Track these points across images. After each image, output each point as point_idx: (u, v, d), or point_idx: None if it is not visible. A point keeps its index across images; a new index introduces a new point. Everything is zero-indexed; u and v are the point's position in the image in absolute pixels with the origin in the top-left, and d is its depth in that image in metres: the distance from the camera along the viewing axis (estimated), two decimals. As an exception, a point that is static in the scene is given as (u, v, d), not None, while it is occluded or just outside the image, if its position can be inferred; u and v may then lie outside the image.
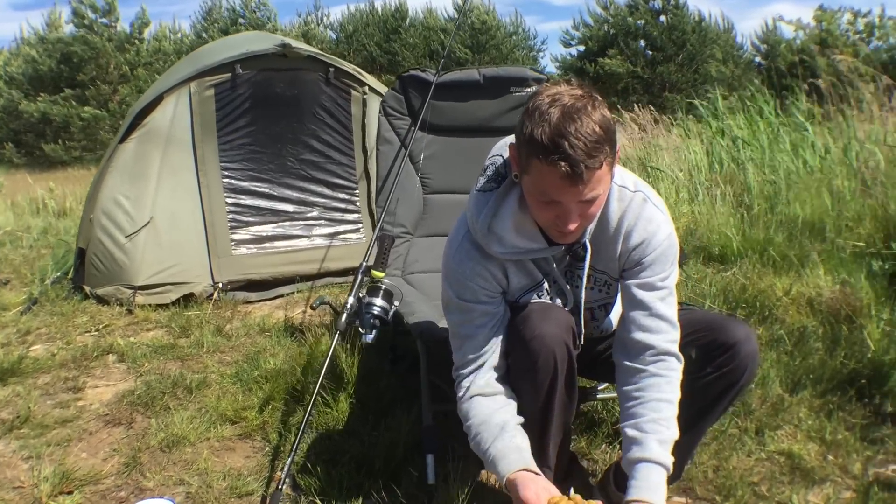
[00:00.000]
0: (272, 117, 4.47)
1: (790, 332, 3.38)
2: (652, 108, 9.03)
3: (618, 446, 2.53)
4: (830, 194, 5.19)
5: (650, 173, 6.84)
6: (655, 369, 1.74)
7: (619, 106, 8.92)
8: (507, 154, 1.75)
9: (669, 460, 1.67)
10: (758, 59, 29.19)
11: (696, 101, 8.25)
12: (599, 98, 1.55)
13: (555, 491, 1.65)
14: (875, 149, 5.49)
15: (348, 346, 2.99)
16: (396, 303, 2.44)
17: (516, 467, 1.69)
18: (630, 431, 1.71)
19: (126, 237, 4.12)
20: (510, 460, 1.70)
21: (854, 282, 3.70)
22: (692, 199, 6.00)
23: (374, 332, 2.36)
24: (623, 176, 1.81)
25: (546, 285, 1.87)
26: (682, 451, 2.01)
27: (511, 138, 1.76)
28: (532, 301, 1.85)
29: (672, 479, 2.12)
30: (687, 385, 1.86)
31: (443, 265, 1.85)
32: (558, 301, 1.90)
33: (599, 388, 2.65)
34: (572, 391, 1.84)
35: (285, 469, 2.19)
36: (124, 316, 4.07)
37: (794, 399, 2.83)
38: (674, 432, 1.71)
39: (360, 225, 4.72)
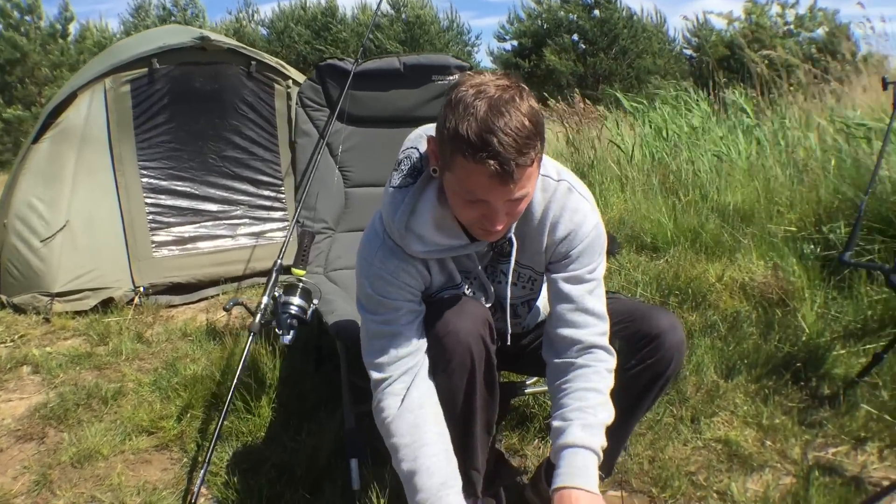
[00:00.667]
0: (192, 113, 4.31)
1: (724, 317, 3.39)
2: (587, 100, 9.07)
3: (549, 441, 2.48)
4: (762, 181, 5.26)
5: (583, 166, 6.87)
6: (582, 361, 1.67)
7: (557, 98, 8.93)
8: (422, 147, 1.65)
9: (596, 443, 1.58)
10: (689, 51, 29.87)
11: (621, 95, 8.33)
12: (526, 88, 1.44)
13: None
14: (810, 134, 5.60)
15: (269, 347, 2.89)
16: (315, 301, 2.34)
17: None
18: (555, 423, 1.63)
19: (41, 241, 3.93)
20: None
21: (786, 266, 3.73)
22: (624, 188, 6.02)
23: (291, 332, 2.25)
24: (546, 164, 1.71)
25: (464, 285, 1.78)
26: (612, 445, 1.95)
27: (426, 128, 1.67)
28: (444, 294, 1.76)
29: (605, 474, 2.08)
30: (616, 375, 1.80)
31: (361, 263, 1.71)
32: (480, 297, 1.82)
33: (528, 381, 2.59)
34: (493, 388, 1.75)
35: (198, 482, 2.08)
36: (41, 325, 3.88)
37: (729, 385, 2.82)
38: (602, 417, 1.61)
39: (287, 223, 4.58)
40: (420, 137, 1.69)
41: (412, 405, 1.62)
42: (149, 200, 4.23)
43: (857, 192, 3.99)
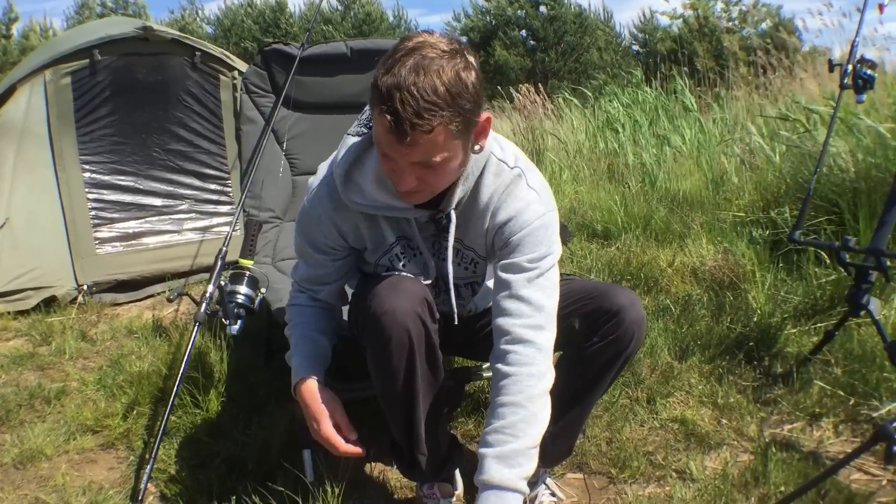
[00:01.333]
0: (135, 105, 4.18)
1: (676, 301, 3.42)
2: (538, 88, 9.11)
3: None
4: (709, 169, 5.35)
5: (534, 156, 6.90)
6: (506, 368, 1.60)
7: (510, 91, 8.97)
8: None
9: (511, 475, 1.51)
10: (636, 47, 30.30)
11: (564, 91, 8.41)
12: (470, 60, 1.41)
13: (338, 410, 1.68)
14: (752, 125, 5.69)
15: (216, 341, 2.81)
16: (263, 290, 2.27)
17: (305, 372, 1.71)
18: (482, 447, 1.57)
19: (-20, 241, 3.78)
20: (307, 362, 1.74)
21: (736, 250, 3.77)
22: (575, 178, 6.06)
23: (239, 322, 2.18)
24: (505, 151, 1.69)
25: (398, 249, 1.74)
26: (573, 426, 1.94)
27: None
28: (373, 275, 1.76)
29: (565, 456, 2.06)
30: (573, 356, 1.78)
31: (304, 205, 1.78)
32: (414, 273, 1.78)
33: (484, 366, 2.55)
34: (436, 367, 1.70)
35: (145, 479, 2.00)
36: (-19, 326, 3.73)
37: (683, 366, 2.84)
38: (522, 440, 1.54)
39: (234, 217, 4.48)
40: None
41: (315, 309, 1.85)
42: (91, 196, 4.09)
43: (803, 175, 4.06)
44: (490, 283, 1.86)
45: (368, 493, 2.12)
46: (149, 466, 2.02)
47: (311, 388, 1.69)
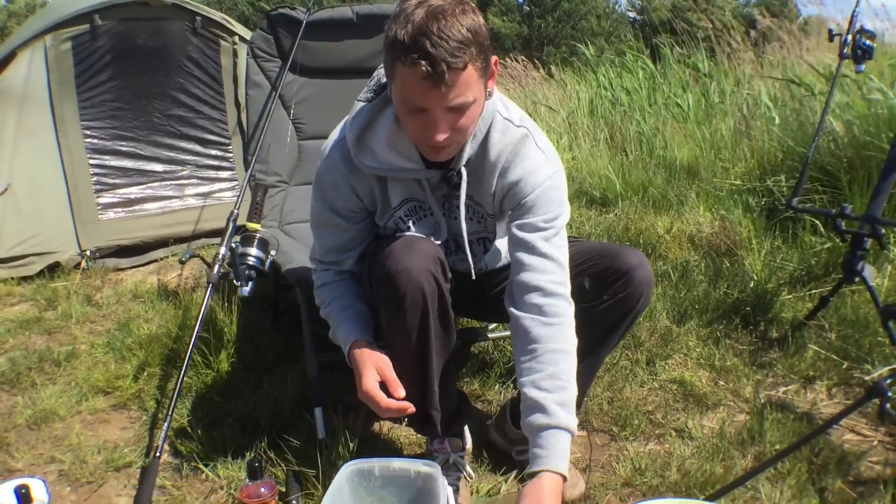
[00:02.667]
0: (136, 71, 4.17)
1: (674, 267, 3.48)
2: (533, 59, 9.11)
3: (511, 385, 2.52)
4: (707, 138, 5.38)
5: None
6: (545, 318, 1.67)
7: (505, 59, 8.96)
8: None
9: (573, 422, 1.61)
10: (632, 14, 30.09)
11: (562, 56, 8.36)
12: (473, 5, 1.45)
13: (387, 368, 1.68)
14: (752, 91, 5.71)
15: (225, 302, 2.85)
16: (273, 252, 2.31)
17: (355, 336, 1.73)
18: (530, 392, 1.63)
19: (-17, 207, 3.80)
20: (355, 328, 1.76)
21: (733, 218, 3.82)
22: (571, 146, 6.08)
23: (250, 284, 2.23)
24: (510, 110, 1.74)
25: (401, 213, 1.79)
26: (582, 380, 1.98)
27: None
28: (386, 235, 1.79)
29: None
30: (583, 314, 1.82)
31: (319, 163, 1.79)
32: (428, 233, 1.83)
33: (490, 327, 2.61)
34: (448, 326, 1.75)
35: (162, 436, 2.05)
36: (-14, 292, 3.77)
37: (681, 330, 2.90)
38: (574, 389, 1.64)
39: (235, 183, 4.50)
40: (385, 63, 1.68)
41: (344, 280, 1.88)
42: (93, 162, 4.11)
43: (801, 144, 4.10)
44: (499, 242, 1.92)
45: (378, 448, 2.18)
46: (165, 423, 2.07)
47: (359, 349, 1.71)
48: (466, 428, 2.06)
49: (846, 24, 2.84)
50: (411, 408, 1.66)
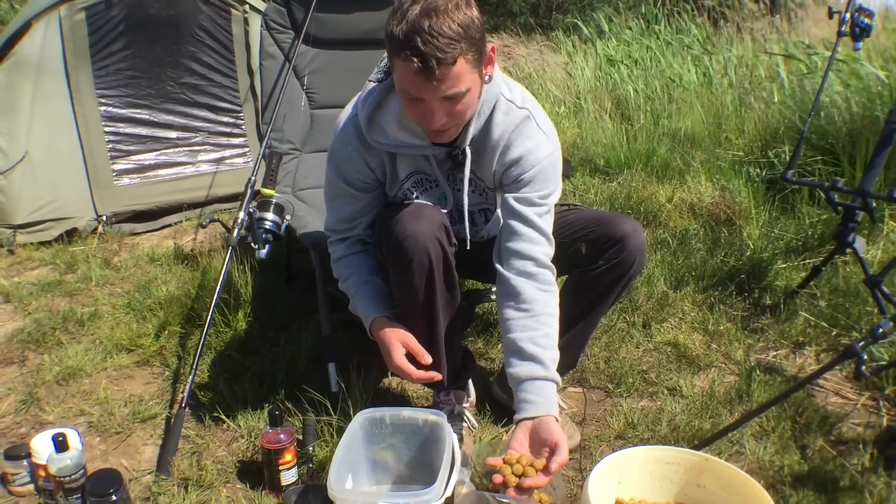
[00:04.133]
0: (149, 40, 4.24)
1: (673, 234, 3.58)
2: (537, 29, 9.10)
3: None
4: (710, 108, 5.43)
5: (536, 90, 6.93)
6: (539, 284, 1.80)
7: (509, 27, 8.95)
8: None
9: (557, 376, 1.77)
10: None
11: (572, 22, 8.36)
12: (470, 0, 1.55)
13: (411, 341, 1.81)
14: (758, 62, 5.75)
15: (241, 265, 2.97)
16: (288, 217, 2.42)
17: (377, 313, 1.86)
18: (527, 346, 1.77)
19: (1, 174, 3.89)
20: (373, 304, 1.88)
21: (733, 188, 3.91)
22: (576, 114, 6.13)
23: (267, 247, 2.34)
24: (513, 91, 1.84)
25: (409, 184, 1.91)
26: (578, 340, 2.12)
27: None
28: (394, 203, 1.92)
29: (570, 367, 2.24)
30: (580, 278, 1.95)
31: (332, 138, 1.91)
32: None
33: (493, 289, 2.73)
34: (452, 287, 1.90)
35: (187, 388, 2.19)
36: (5, 257, 3.87)
37: (678, 295, 3.01)
38: (554, 339, 1.80)
39: (247, 149, 4.59)
40: None
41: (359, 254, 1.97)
42: (108, 129, 4.19)
43: (802, 116, 4.17)
44: (500, 212, 2.03)
45: (388, 400, 2.32)
46: (190, 377, 2.20)
47: (382, 325, 1.86)
48: (471, 382, 2.20)
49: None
50: (438, 376, 1.83)
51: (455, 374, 2.07)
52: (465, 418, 2.10)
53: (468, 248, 1.95)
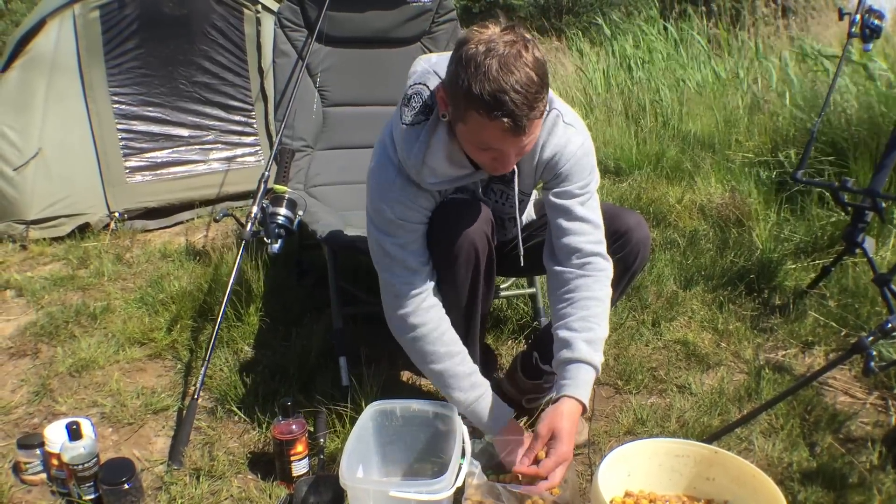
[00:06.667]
0: (162, 39, 4.28)
1: (683, 235, 3.58)
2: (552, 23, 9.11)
3: (522, 340, 2.66)
4: (721, 110, 5.43)
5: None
6: (583, 271, 1.82)
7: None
8: (431, 84, 1.72)
9: (597, 359, 1.75)
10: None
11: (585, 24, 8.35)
12: (531, 38, 1.53)
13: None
14: (770, 64, 5.74)
15: (253, 260, 2.99)
16: (300, 212, 2.44)
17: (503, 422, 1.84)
18: (561, 332, 1.78)
19: (14, 170, 3.93)
20: (497, 414, 1.86)
21: (743, 189, 3.92)
22: (588, 115, 6.14)
23: (279, 241, 2.36)
24: None
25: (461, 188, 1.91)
26: None
27: (430, 63, 1.77)
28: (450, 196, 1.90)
29: None
30: None
31: (378, 189, 1.80)
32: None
33: (503, 286, 2.76)
34: (491, 281, 1.93)
35: (199, 380, 2.21)
36: (18, 252, 3.90)
37: (687, 294, 3.02)
38: (603, 330, 1.78)
39: (258, 148, 4.63)
40: (427, 73, 1.75)
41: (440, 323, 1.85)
42: (121, 126, 4.23)
43: (812, 118, 4.17)
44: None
45: (398, 394, 2.28)
46: (203, 369, 2.22)
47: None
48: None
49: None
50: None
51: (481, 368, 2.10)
52: None
53: (521, 264, 1.99)
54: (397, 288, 1.82)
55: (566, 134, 1.83)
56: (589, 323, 1.77)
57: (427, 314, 1.82)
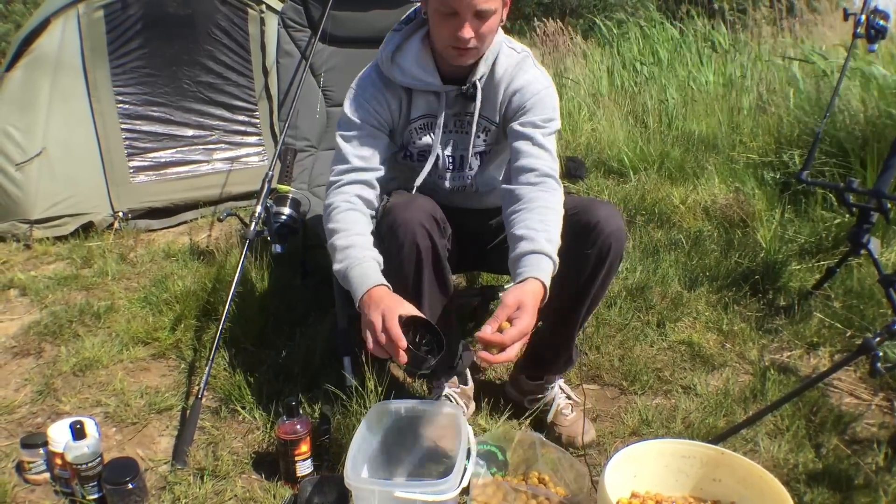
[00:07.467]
0: (166, 39, 4.28)
1: (687, 235, 3.58)
2: (562, 24, 9.10)
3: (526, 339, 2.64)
4: (725, 111, 5.43)
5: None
6: (538, 188, 1.86)
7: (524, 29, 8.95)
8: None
9: (556, 259, 1.75)
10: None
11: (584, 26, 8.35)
12: None
13: (408, 308, 1.68)
14: (773, 66, 5.74)
15: (257, 260, 2.99)
16: (304, 211, 2.44)
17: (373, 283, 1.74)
18: (519, 231, 1.78)
19: (16, 166, 3.92)
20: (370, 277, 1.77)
21: (747, 190, 3.92)
22: (592, 116, 6.14)
23: (283, 241, 2.36)
24: (512, 42, 2.03)
25: (418, 124, 2.03)
26: (569, 332, 2.13)
27: None
28: (396, 192, 1.99)
29: (567, 365, 2.22)
30: (563, 267, 1.94)
31: (349, 90, 2.04)
32: (445, 151, 2.07)
33: (506, 286, 2.74)
34: (443, 277, 1.92)
35: (203, 380, 2.21)
36: (22, 251, 3.90)
37: (692, 295, 3.01)
38: (557, 237, 1.79)
39: (262, 148, 4.63)
40: None
41: (360, 215, 1.90)
42: (125, 126, 4.23)
43: (816, 119, 4.16)
44: (497, 163, 2.17)
45: (403, 394, 2.31)
46: (207, 368, 2.22)
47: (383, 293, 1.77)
48: (468, 371, 2.27)
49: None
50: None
51: (449, 367, 2.15)
52: (452, 398, 2.18)
53: (471, 186, 2.11)
54: (330, 178, 2.00)
55: (534, 73, 1.99)
56: (547, 226, 1.78)
57: (346, 213, 1.88)
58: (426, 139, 2.04)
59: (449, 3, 1.74)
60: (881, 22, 2.83)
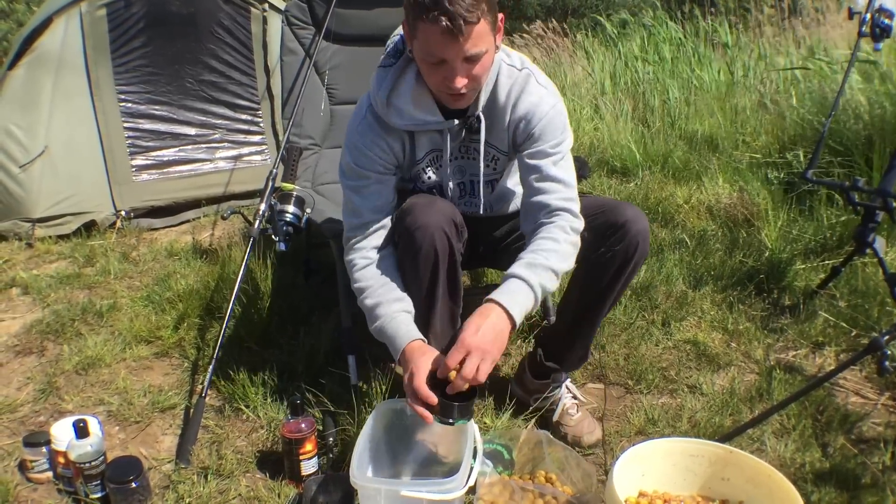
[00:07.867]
0: (169, 37, 4.28)
1: (691, 235, 3.57)
2: (562, 27, 9.10)
3: (532, 340, 2.64)
4: (728, 111, 5.42)
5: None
6: (548, 221, 1.84)
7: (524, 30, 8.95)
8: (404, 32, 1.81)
9: (534, 278, 1.73)
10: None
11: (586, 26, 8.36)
12: None
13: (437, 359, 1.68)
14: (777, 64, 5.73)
15: (261, 259, 2.98)
16: (308, 210, 2.43)
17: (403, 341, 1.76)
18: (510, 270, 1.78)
19: (20, 168, 3.92)
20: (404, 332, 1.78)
21: (751, 189, 3.90)
22: (594, 116, 6.13)
23: (287, 239, 2.35)
24: (512, 57, 1.92)
25: (426, 161, 1.97)
26: (589, 329, 2.12)
27: None
28: (417, 194, 1.94)
29: (581, 360, 2.23)
30: (585, 266, 1.95)
31: (346, 135, 1.95)
32: (450, 183, 2.01)
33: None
34: (455, 281, 1.90)
35: (207, 378, 2.20)
36: (24, 250, 3.90)
37: (697, 294, 3.00)
38: (546, 258, 1.76)
39: (264, 147, 4.62)
40: (404, 25, 1.83)
41: (379, 263, 1.88)
42: (127, 125, 4.23)
43: (820, 118, 4.15)
44: (508, 182, 2.11)
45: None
46: (210, 367, 2.21)
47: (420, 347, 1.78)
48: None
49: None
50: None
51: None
52: None
53: (481, 212, 2.04)
54: (346, 233, 1.95)
55: (539, 93, 1.89)
56: (535, 253, 1.77)
57: (366, 270, 1.87)
58: (434, 176, 2.01)
59: (434, 54, 1.65)
60: (886, 21, 2.81)
